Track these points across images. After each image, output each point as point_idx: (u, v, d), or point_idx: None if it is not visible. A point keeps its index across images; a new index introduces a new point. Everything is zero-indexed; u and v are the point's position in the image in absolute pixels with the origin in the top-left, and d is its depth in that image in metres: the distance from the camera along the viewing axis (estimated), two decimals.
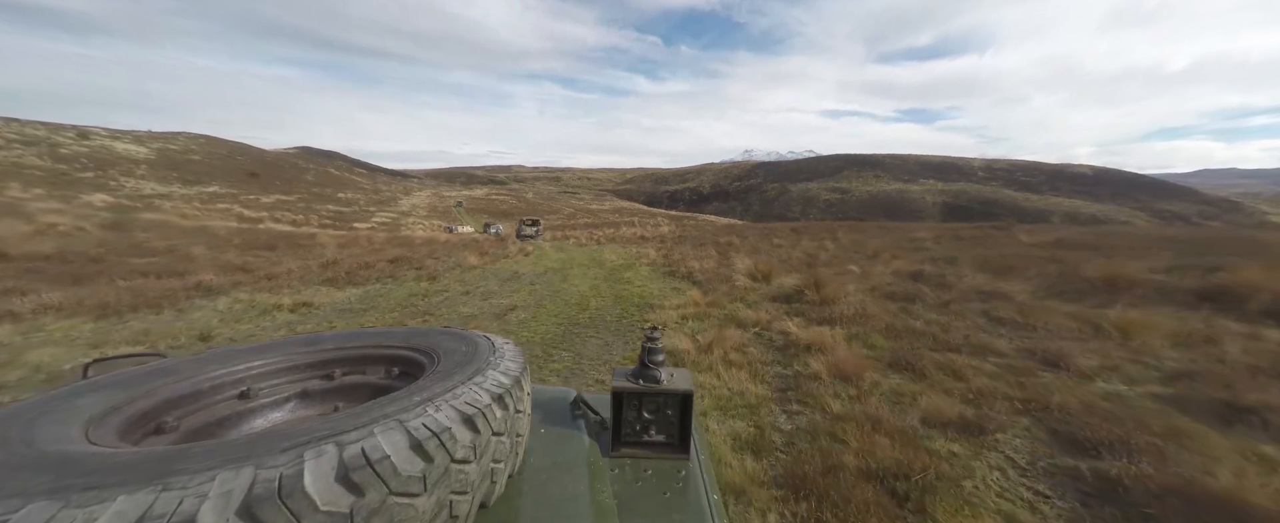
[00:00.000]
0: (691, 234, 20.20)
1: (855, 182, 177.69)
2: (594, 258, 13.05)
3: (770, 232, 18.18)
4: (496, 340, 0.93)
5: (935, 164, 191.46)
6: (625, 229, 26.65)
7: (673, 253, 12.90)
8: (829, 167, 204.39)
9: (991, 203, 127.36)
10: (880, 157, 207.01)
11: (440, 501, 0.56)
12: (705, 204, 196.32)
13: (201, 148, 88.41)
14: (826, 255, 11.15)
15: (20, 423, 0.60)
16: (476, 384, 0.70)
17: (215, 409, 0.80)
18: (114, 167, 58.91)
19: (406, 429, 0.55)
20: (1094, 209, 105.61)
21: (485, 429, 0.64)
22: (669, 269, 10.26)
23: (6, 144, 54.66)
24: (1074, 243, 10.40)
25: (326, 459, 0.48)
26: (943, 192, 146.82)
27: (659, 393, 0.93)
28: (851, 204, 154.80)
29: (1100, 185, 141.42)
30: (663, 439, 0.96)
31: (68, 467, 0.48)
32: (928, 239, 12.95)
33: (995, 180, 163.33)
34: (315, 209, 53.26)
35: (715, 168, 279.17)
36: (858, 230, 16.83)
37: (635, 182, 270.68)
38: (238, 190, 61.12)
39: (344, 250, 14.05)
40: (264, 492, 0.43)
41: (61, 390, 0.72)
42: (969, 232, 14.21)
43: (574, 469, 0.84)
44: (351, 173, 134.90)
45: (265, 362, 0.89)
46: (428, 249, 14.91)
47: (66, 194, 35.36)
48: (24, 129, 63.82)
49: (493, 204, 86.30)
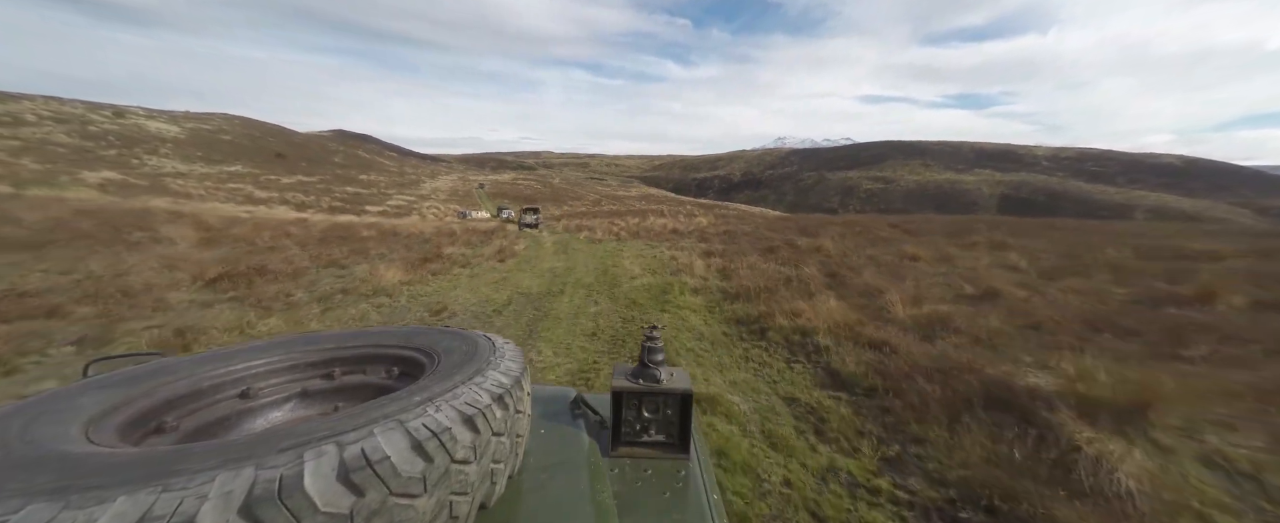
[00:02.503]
0: (740, 228, 15.37)
1: (900, 170, 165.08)
2: (606, 267, 8.64)
3: (861, 230, 12.99)
4: (497, 340, 0.91)
5: (991, 152, 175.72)
6: (654, 219, 22.00)
7: (731, 263, 8.29)
8: (870, 154, 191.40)
9: (1058, 195, 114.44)
10: (928, 143, 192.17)
11: (440, 501, 0.56)
12: (735, 192, 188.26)
13: (234, 128, 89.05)
14: (1023, 274, 6.33)
15: (20, 422, 0.59)
16: (477, 384, 0.70)
17: (215, 409, 0.80)
18: (141, 145, 58.74)
19: (407, 430, 0.55)
20: (1186, 205, 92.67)
21: (485, 430, 0.63)
22: (732, 295, 5.76)
23: (39, 121, 55.00)
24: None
25: (327, 460, 0.48)
26: (1000, 182, 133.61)
27: (659, 393, 0.93)
28: (896, 195, 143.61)
29: (1192, 178, 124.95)
30: (663, 439, 0.96)
31: (68, 467, 0.48)
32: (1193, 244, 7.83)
33: (1062, 170, 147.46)
34: (334, 191, 51.29)
35: (747, 155, 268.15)
36: (1019, 230, 11.66)
37: (663, 168, 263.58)
38: (260, 171, 60.05)
39: (217, 248, 10.15)
40: (264, 492, 0.43)
41: (62, 390, 0.71)
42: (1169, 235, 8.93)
43: (574, 469, 0.83)
44: (381, 156, 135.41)
45: (265, 361, 0.88)
46: (379, 245, 10.91)
47: (70, 171, 33.87)
48: (62, 107, 64.74)
49: (517, 189, 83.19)
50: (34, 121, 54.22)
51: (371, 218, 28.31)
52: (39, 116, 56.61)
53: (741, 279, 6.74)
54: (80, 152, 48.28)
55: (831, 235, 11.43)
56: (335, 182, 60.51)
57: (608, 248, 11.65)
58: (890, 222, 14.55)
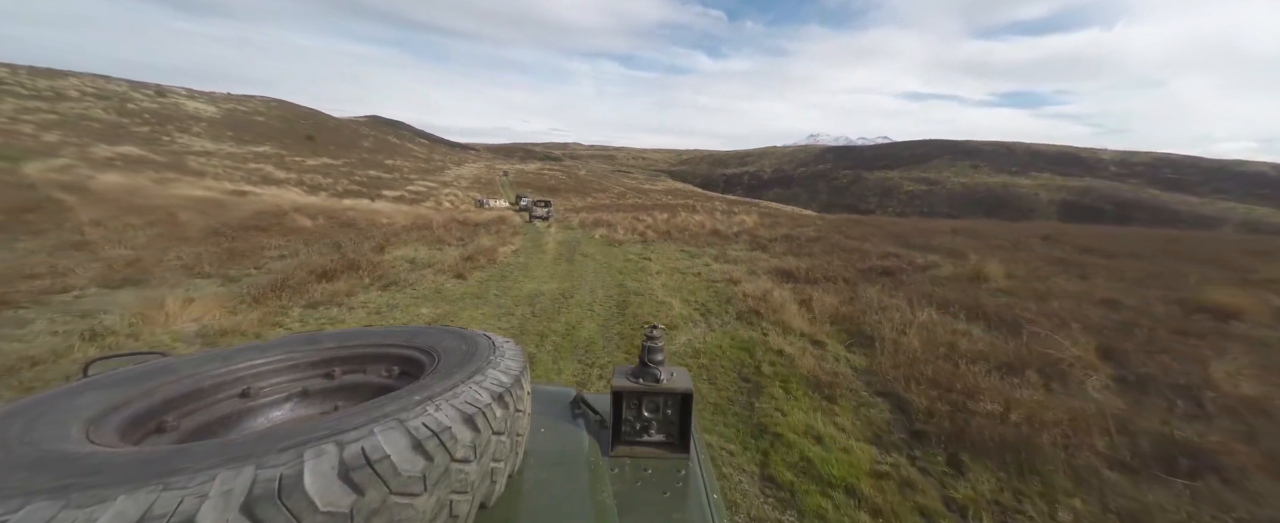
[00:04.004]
0: (801, 232, 11.76)
1: (946, 172, 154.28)
2: (625, 296, 5.39)
3: (1005, 243, 9.16)
4: (497, 339, 0.91)
5: (1049, 155, 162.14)
6: (685, 215, 18.60)
7: (844, 301, 4.81)
8: (913, 154, 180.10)
9: (1130, 204, 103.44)
10: (978, 143, 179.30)
11: (440, 500, 0.56)
12: (765, 190, 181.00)
13: (270, 110, 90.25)
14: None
15: (20, 422, 0.59)
16: (477, 383, 0.70)
17: (215, 408, 0.80)
18: (174, 123, 59.24)
19: (407, 429, 0.55)
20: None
21: (485, 429, 0.64)
22: (922, 413, 2.42)
23: (81, 97, 56.03)
24: None
25: (326, 459, 0.48)
26: (1061, 188, 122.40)
27: (659, 392, 0.93)
28: (940, 197, 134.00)
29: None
30: (662, 439, 0.96)
31: (68, 466, 0.48)
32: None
33: (1134, 176, 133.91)
34: (355, 174, 50.10)
35: (778, 151, 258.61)
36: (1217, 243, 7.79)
37: (690, 163, 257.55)
38: (286, 152, 59.71)
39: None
40: (264, 492, 0.43)
41: (62, 389, 0.71)
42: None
43: (574, 469, 0.83)
44: (412, 142, 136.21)
45: (265, 360, 0.88)
46: (308, 241, 8.03)
47: (83, 142, 33.17)
48: (106, 85, 66.29)
49: (542, 179, 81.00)
50: (75, 97, 55.23)
51: (382, 204, 26.26)
52: (82, 93, 57.76)
53: (901, 350, 3.33)
54: (113, 127, 48.57)
55: (968, 248, 7.70)
56: (359, 165, 59.58)
57: (629, 255, 8.41)
58: (1042, 235, 10.61)
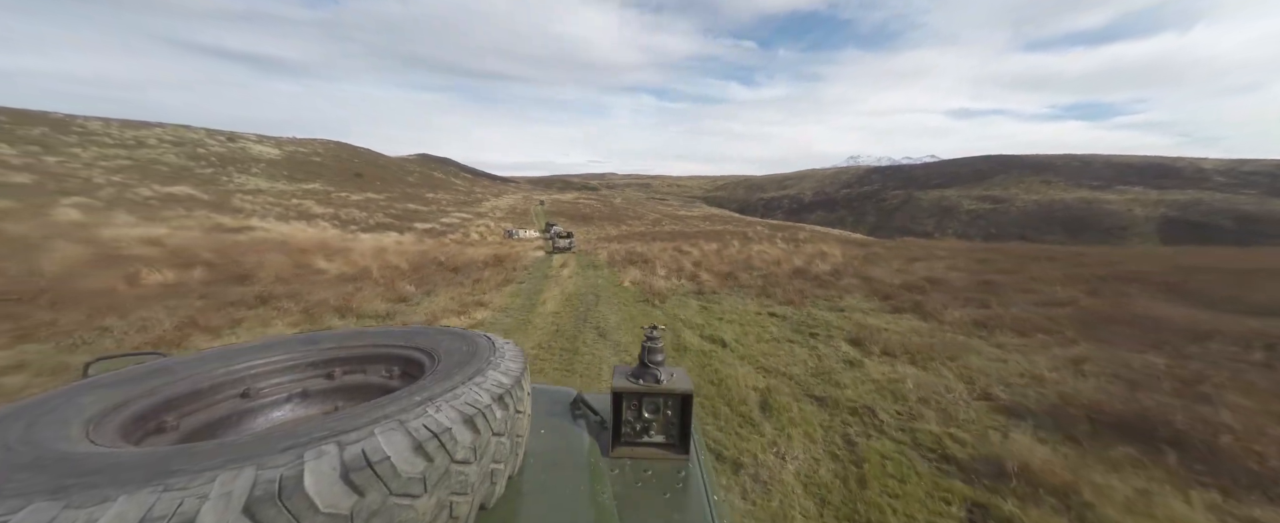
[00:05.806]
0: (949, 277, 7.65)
1: (1013, 188, 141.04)
2: None
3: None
4: (497, 340, 0.91)
5: (1138, 166, 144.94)
6: (739, 245, 14.80)
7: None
8: (973, 170, 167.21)
9: (1251, 219, 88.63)
10: (1048, 157, 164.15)
11: (440, 501, 0.56)
12: (806, 213, 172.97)
13: (327, 151, 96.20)
14: None
15: (21, 423, 0.59)
16: (477, 384, 0.70)
17: (216, 409, 0.80)
18: (236, 165, 63.05)
19: (407, 430, 0.55)
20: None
21: (485, 430, 0.64)
22: None
23: (158, 143, 60.87)
24: None
25: (327, 460, 0.48)
26: (1159, 202, 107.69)
27: (659, 393, 0.93)
28: (1010, 217, 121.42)
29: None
30: (662, 439, 0.96)
31: (68, 467, 0.48)
32: None
33: (1248, 187, 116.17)
34: (393, 207, 50.42)
35: (819, 173, 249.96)
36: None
37: (726, 188, 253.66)
38: (333, 188, 61.81)
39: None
40: (264, 493, 0.43)
41: (62, 390, 0.71)
42: None
43: (574, 470, 0.83)
44: (455, 176, 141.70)
45: (266, 361, 0.87)
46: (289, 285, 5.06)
47: (131, 182, 34.25)
48: (185, 133, 72.42)
49: (577, 208, 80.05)
50: (154, 145, 60.02)
51: (407, 237, 24.68)
52: (160, 140, 62.89)
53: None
54: (179, 170, 51.68)
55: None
56: (399, 199, 60.52)
57: (684, 322, 4.75)
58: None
